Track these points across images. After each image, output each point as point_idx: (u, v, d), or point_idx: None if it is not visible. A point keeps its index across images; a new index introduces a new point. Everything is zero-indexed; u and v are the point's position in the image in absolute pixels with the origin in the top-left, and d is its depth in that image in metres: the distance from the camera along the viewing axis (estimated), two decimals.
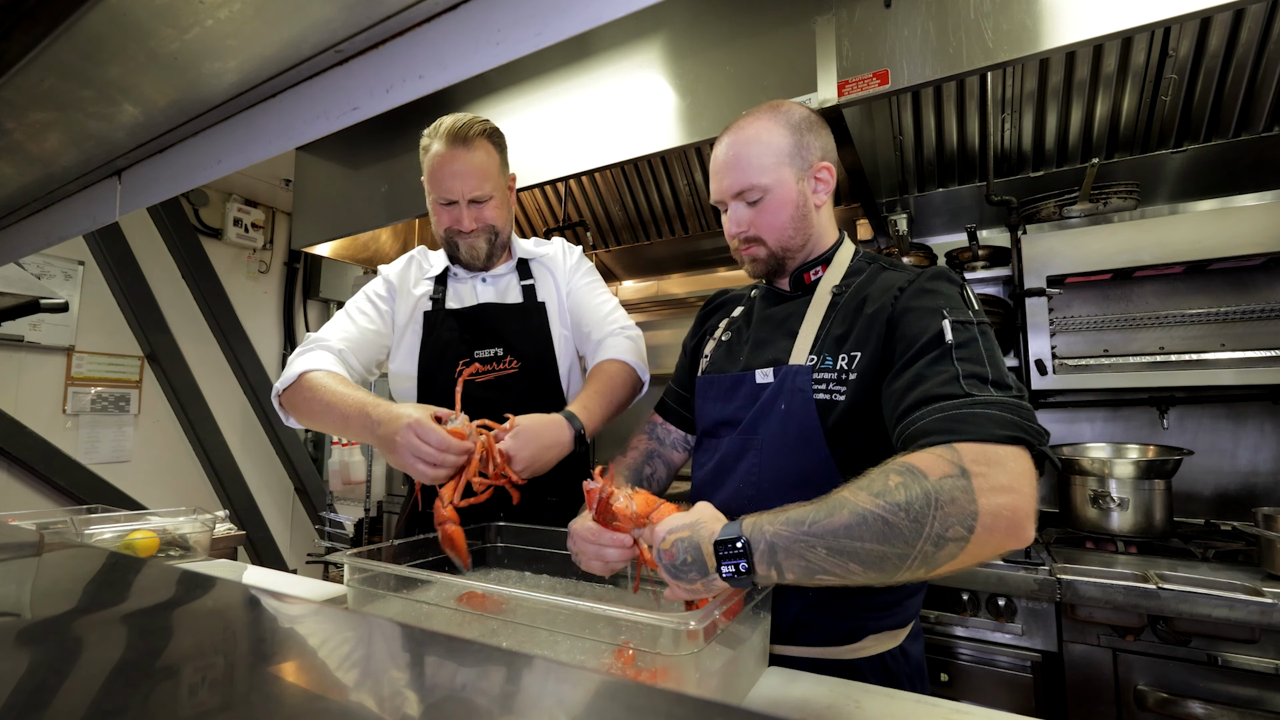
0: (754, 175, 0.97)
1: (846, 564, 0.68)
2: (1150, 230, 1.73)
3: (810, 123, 1.00)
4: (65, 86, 0.77)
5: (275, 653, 0.42)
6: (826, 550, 0.68)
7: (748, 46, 1.63)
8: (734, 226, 1.02)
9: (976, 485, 0.66)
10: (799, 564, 0.70)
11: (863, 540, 0.67)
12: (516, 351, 1.35)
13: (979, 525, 0.66)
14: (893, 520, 0.67)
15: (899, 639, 0.94)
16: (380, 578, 0.93)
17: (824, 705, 0.76)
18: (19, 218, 1.19)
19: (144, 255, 3.20)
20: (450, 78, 0.63)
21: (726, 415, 1.04)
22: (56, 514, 1.55)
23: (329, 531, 3.05)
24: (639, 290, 3.21)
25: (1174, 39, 1.73)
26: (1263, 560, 1.41)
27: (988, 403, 0.74)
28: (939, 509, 0.66)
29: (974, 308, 0.86)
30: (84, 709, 0.32)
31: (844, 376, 0.91)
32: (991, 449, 0.69)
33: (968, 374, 0.77)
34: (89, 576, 0.65)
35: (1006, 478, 0.67)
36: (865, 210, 2.16)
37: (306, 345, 1.28)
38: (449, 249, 1.37)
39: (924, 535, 0.66)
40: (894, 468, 0.71)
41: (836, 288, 1.01)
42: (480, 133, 1.27)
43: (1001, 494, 0.66)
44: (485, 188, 1.28)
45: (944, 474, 0.67)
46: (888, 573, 0.68)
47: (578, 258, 1.50)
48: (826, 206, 1.04)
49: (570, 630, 0.77)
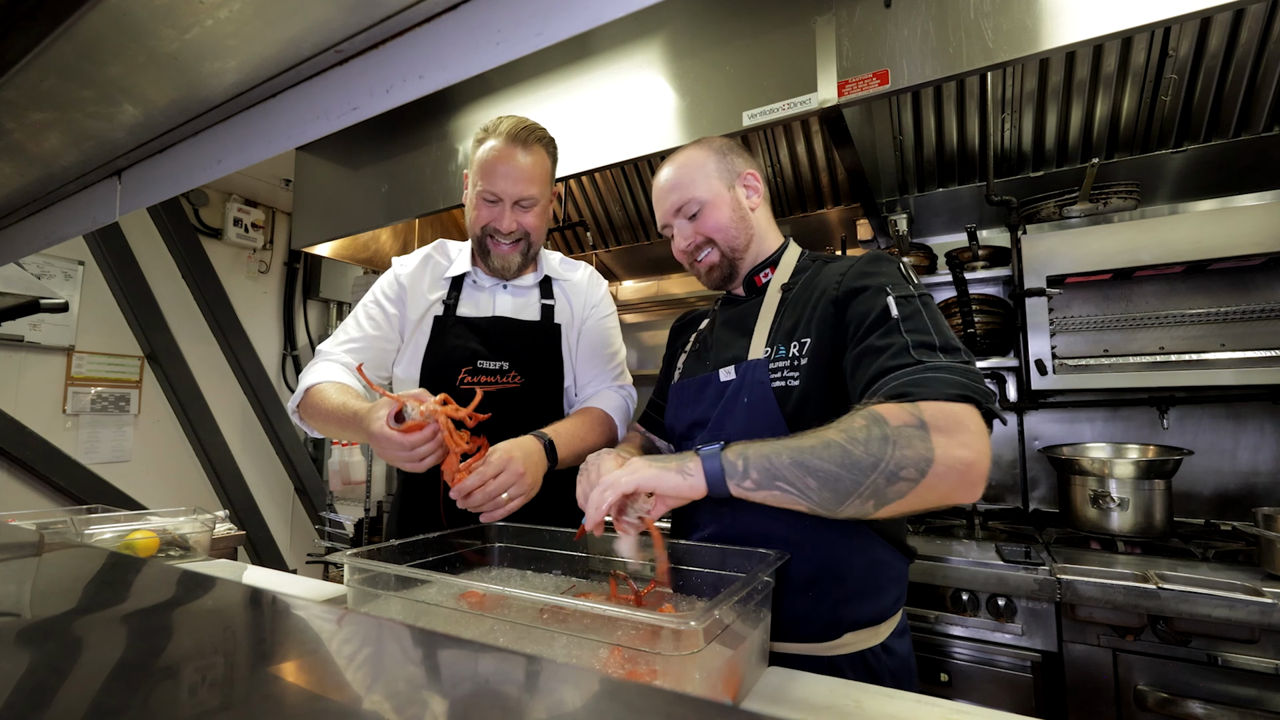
0: (690, 190, 1.09)
1: (804, 476, 0.77)
2: (1150, 230, 1.73)
3: (731, 146, 1.14)
4: (65, 86, 0.77)
5: (275, 653, 0.42)
6: (790, 459, 0.78)
7: (748, 46, 1.63)
8: (683, 240, 1.12)
9: (934, 437, 0.74)
10: (764, 464, 0.79)
11: (823, 460, 0.76)
12: (523, 368, 1.33)
13: (932, 472, 0.73)
14: (852, 450, 0.75)
15: (880, 635, 0.95)
16: (380, 578, 0.93)
17: (824, 705, 0.76)
18: (19, 218, 1.19)
19: (144, 255, 3.20)
20: (450, 78, 0.63)
21: (697, 416, 1.10)
22: (56, 514, 1.55)
23: (329, 531, 3.05)
24: (639, 290, 3.21)
25: (1174, 39, 1.74)
26: (1263, 560, 1.41)
27: (937, 367, 0.80)
28: (896, 449, 0.74)
29: (914, 282, 0.93)
30: (84, 709, 0.32)
31: (796, 363, 0.97)
32: (948, 406, 0.76)
33: (916, 343, 0.84)
34: (89, 576, 0.65)
35: (966, 435, 0.75)
36: (865, 210, 2.16)
37: (315, 359, 1.32)
38: (480, 249, 1.34)
39: (879, 469, 0.74)
40: (860, 412, 0.79)
41: (785, 285, 1.08)
42: (540, 139, 1.28)
43: (961, 449, 0.74)
44: (533, 192, 1.27)
45: (904, 422, 0.75)
46: (839, 495, 0.76)
47: (603, 294, 1.49)
48: (763, 211, 1.14)
49: (570, 630, 0.77)
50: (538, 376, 1.34)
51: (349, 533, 2.96)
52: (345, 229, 2.45)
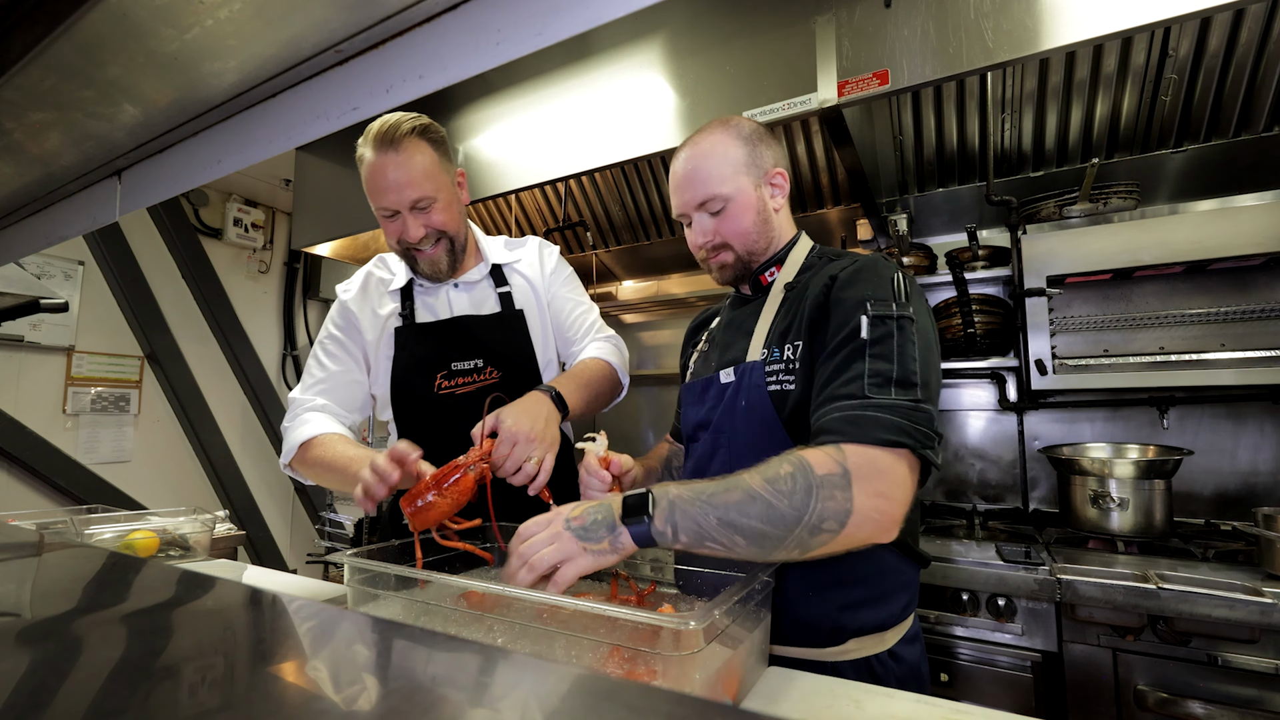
0: (715, 186, 1.02)
1: (732, 535, 0.76)
2: (1150, 230, 1.73)
3: (760, 134, 1.06)
4: (65, 86, 0.77)
5: (275, 653, 0.42)
6: (718, 520, 0.76)
7: (748, 46, 1.63)
8: (700, 237, 1.06)
9: (855, 486, 0.75)
10: (692, 527, 0.77)
11: (749, 517, 0.75)
12: (496, 361, 1.31)
13: (850, 522, 0.75)
14: (777, 504, 0.75)
15: (886, 642, 0.94)
16: (380, 578, 0.93)
17: (824, 705, 0.76)
18: (19, 218, 1.19)
19: (144, 255, 3.20)
20: (450, 78, 0.63)
21: (700, 418, 1.09)
22: (56, 514, 1.55)
23: (329, 531, 3.05)
24: (639, 290, 3.21)
25: (1174, 39, 1.73)
26: (1263, 560, 1.41)
27: (880, 405, 0.80)
28: (819, 502, 0.74)
29: (900, 299, 0.89)
30: (84, 709, 0.32)
31: (790, 366, 0.96)
32: (874, 453, 0.77)
33: (873, 372, 0.83)
34: (89, 576, 0.65)
35: (883, 484, 0.76)
36: (865, 210, 2.16)
37: (293, 410, 1.29)
38: (408, 262, 1.31)
39: (802, 523, 0.74)
40: (789, 459, 0.78)
41: (789, 284, 1.05)
42: (410, 131, 1.17)
43: (876, 498, 0.75)
44: (425, 190, 1.18)
45: (829, 471, 0.76)
46: (766, 549, 0.76)
47: (556, 261, 1.46)
48: (784, 210, 1.10)
49: (570, 630, 0.77)
50: (513, 367, 1.33)
51: (349, 533, 2.96)
52: (345, 229, 2.45)
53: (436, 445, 1.09)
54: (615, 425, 3.21)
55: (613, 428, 3.24)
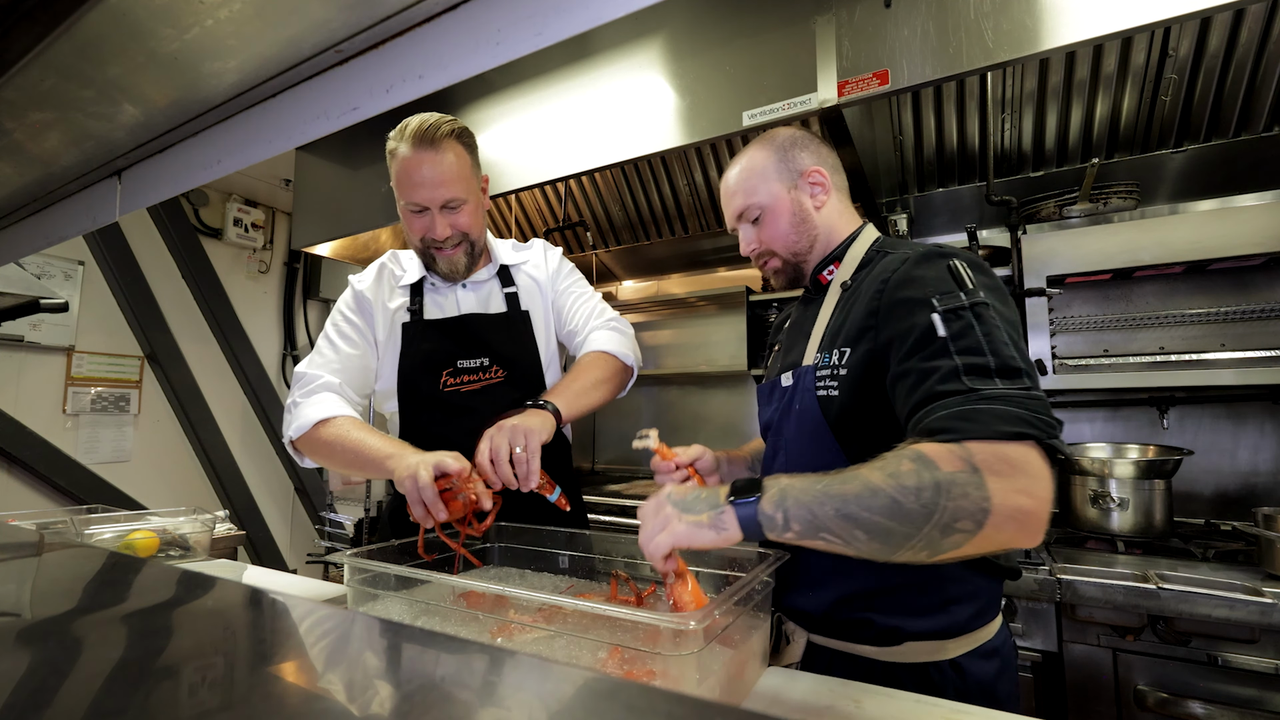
0: (748, 197, 1.07)
1: (852, 529, 0.69)
2: (1150, 230, 1.73)
3: (795, 139, 1.09)
4: (65, 86, 0.77)
5: (275, 653, 0.42)
6: (835, 510, 0.70)
7: (748, 46, 1.63)
8: (745, 246, 1.11)
9: (990, 483, 0.67)
10: (806, 516, 0.71)
11: (870, 511, 0.68)
12: (502, 361, 1.32)
13: (989, 522, 0.66)
14: (902, 501, 0.67)
15: (949, 651, 0.88)
16: (380, 578, 0.93)
17: (824, 705, 0.76)
18: (19, 218, 1.19)
19: (144, 255, 3.20)
20: (450, 78, 0.63)
21: (766, 420, 1.11)
22: (56, 514, 1.55)
23: (329, 531, 3.05)
24: (639, 290, 3.21)
25: (1174, 39, 1.73)
26: (1263, 560, 1.41)
27: (992, 396, 0.72)
28: (950, 499, 0.66)
29: (967, 286, 0.82)
30: (84, 709, 0.32)
31: (837, 372, 0.93)
32: (1001, 448, 0.69)
33: (968, 367, 0.75)
34: (89, 576, 0.65)
35: (1022, 481, 0.67)
36: (865, 210, 2.16)
37: (305, 386, 1.25)
38: (425, 259, 1.33)
39: (932, 521, 0.67)
40: (907, 454, 0.71)
41: (845, 283, 1.02)
42: (449, 134, 1.20)
43: (1017, 496, 0.67)
44: (457, 192, 1.21)
45: (955, 468, 0.68)
46: (891, 547, 0.69)
47: (559, 261, 1.47)
48: (831, 204, 1.08)
49: (570, 630, 0.77)
50: (519, 367, 1.33)
51: (349, 533, 2.96)
52: (345, 229, 2.45)
53: (439, 442, 1.09)
54: (615, 425, 3.21)
55: (613, 428, 3.24)
